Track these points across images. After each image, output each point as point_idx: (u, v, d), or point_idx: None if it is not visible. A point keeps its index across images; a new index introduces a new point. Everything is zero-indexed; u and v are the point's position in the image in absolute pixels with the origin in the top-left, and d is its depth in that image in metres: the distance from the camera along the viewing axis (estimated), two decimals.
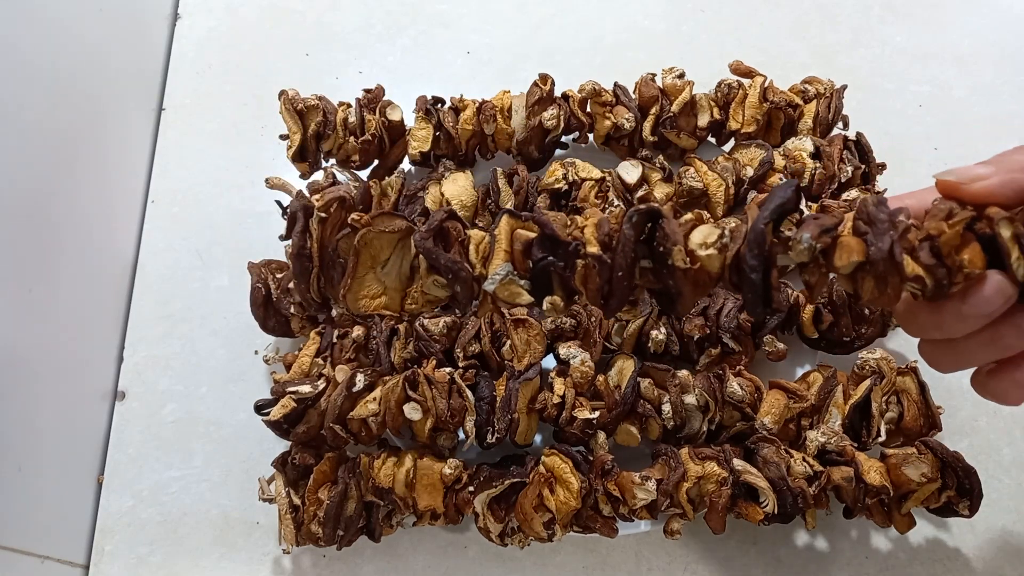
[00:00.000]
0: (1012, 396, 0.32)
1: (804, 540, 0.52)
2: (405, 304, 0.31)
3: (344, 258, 0.30)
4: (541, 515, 0.44)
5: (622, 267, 0.30)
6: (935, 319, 0.30)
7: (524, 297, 0.30)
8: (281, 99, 0.53)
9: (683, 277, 0.30)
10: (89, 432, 0.55)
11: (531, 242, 0.30)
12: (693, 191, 0.54)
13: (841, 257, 0.28)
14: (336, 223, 0.30)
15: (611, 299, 0.30)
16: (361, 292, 0.30)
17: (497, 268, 0.30)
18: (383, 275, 0.30)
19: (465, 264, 0.30)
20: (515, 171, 0.54)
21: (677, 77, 0.55)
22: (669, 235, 0.29)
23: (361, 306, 0.31)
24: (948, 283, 0.28)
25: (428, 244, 0.30)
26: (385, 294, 0.31)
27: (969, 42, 0.68)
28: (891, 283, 0.28)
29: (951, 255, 0.28)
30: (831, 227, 0.29)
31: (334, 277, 0.30)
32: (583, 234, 0.31)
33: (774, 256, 0.29)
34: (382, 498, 0.46)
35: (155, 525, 0.53)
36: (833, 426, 0.47)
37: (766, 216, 0.29)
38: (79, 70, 0.57)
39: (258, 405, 0.47)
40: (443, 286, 0.30)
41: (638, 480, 0.44)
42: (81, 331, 0.55)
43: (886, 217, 0.28)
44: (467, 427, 0.46)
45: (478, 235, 0.31)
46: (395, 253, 0.30)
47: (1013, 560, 0.51)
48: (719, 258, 0.30)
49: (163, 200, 0.63)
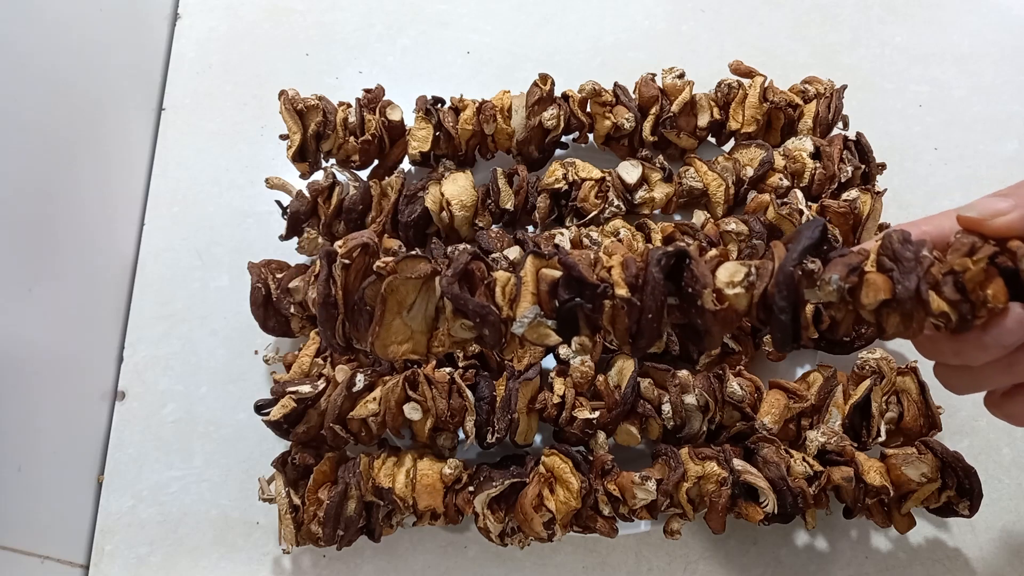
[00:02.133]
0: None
1: (804, 540, 0.52)
2: (431, 346, 0.31)
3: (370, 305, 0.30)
4: (541, 515, 0.44)
5: (651, 309, 0.30)
6: (955, 347, 0.31)
7: (552, 339, 0.30)
8: (281, 99, 0.53)
9: (712, 318, 0.30)
10: (89, 432, 0.55)
11: (557, 282, 0.30)
12: (693, 191, 0.54)
13: (868, 295, 0.29)
14: (360, 269, 0.30)
15: (640, 339, 0.31)
16: (389, 339, 0.30)
17: (525, 311, 0.30)
18: (409, 319, 0.30)
19: (493, 308, 0.30)
20: (515, 171, 0.54)
21: (677, 77, 0.55)
22: (699, 278, 0.30)
23: (390, 352, 0.31)
24: (972, 317, 0.29)
25: (455, 290, 0.30)
26: (412, 338, 0.31)
27: (969, 42, 0.68)
28: (916, 319, 0.29)
29: (975, 290, 0.29)
30: (857, 265, 0.29)
31: (360, 323, 0.30)
32: (610, 275, 0.31)
33: (802, 296, 0.30)
34: (382, 498, 0.46)
35: (155, 525, 0.53)
36: (833, 426, 0.47)
37: (795, 258, 0.29)
38: (79, 70, 0.57)
39: (258, 405, 0.47)
40: (470, 328, 0.30)
41: (638, 480, 0.44)
42: (81, 331, 0.55)
43: (912, 255, 0.29)
44: (467, 427, 0.46)
45: (503, 277, 0.31)
46: (420, 297, 0.30)
47: (1013, 560, 0.51)
48: (746, 296, 0.30)
49: (163, 200, 0.63)
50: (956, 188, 0.61)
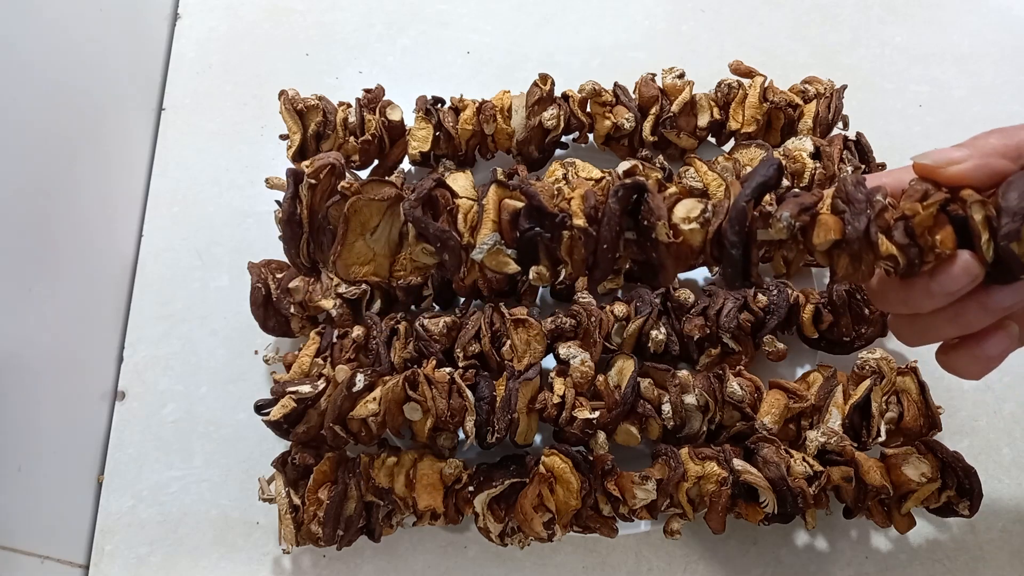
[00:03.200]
0: (972, 371, 0.33)
1: (804, 540, 0.52)
2: (394, 271, 0.32)
3: (334, 225, 0.30)
4: (541, 515, 0.44)
5: (607, 240, 0.30)
6: (904, 295, 0.31)
7: (511, 266, 0.31)
8: (281, 99, 0.53)
9: (666, 251, 0.30)
10: (89, 432, 0.55)
11: (519, 212, 0.31)
12: (693, 191, 0.54)
13: (819, 235, 0.29)
14: (326, 189, 0.30)
15: (595, 270, 0.31)
16: (351, 259, 0.31)
17: (485, 238, 0.30)
18: (372, 242, 0.31)
19: (453, 233, 0.30)
20: (515, 171, 0.54)
21: (677, 77, 0.55)
22: (653, 210, 0.30)
23: (351, 272, 0.31)
24: (920, 262, 0.29)
25: (417, 213, 0.30)
26: (374, 260, 0.31)
27: (969, 42, 0.68)
28: (865, 261, 0.29)
29: (924, 235, 0.29)
30: (810, 205, 0.30)
31: (324, 243, 0.30)
32: (570, 206, 0.31)
33: (755, 232, 0.30)
34: (382, 498, 0.46)
35: (155, 525, 0.53)
36: (833, 426, 0.47)
37: (747, 194, 0.30)
38: (79, 70, 0.57)
39: (258, 405, 0.47)
40: (431, 254, 0.31)
41: (638, 480, 0.44)
42: (81, 331, 0.55)
43: (863, 197, 0.29)
44: (467, 427, 0.46)
45: (466, 204, 0.31)
46: (384, 220, 0.31)
47: (1013, 560, 0.51)
48: (701, 232, 0.31)
49: (163, 200, 0.63)
50: None
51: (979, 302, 0.30)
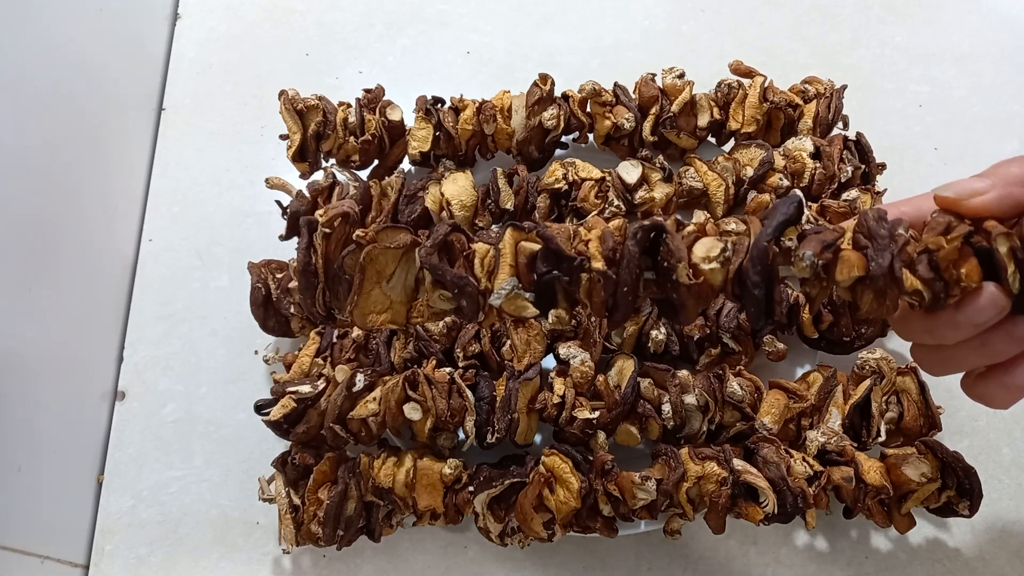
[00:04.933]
0: (1000, 400, 0.32)
1: (804, 540, 0.52)
2: (411, 317, 0.31)
3: (349, 274, 0.30)
4: (541, 515, 0.44)
5: (627, 283, 0.30)
6: (928, 326, 0.31)
7: (530, 310, 0.30)
8: (281, 99, 0.53)
9: (687, 292, 0.30)
10: (89, 432, 0.55)
11: (535, 255, 0.30)
12: (693, 191, 0.54)
13: (842, 272, 0.29)
14: (340, 238, 0.30)
15: (616, 312, 0.31)
16: (368, 308, 0.30)
17: (503, 283, 0.30)
18: (388, 289, 0.30)
19: (471, 279, 0.30)
20: (515, 171, 0.54)
21: (677, 77, 0.55)
22: (673, 252, 0.30)
23: (368, 321, 0.31)
24: (945, 296, 0.29)
25: (433, 260, 0.30)
26: (391, 308, 0.31)
27: (969, 42, 0.68)
28: (890, 296, 0.29)
29: (949, 269, 0.29)
30: (832, 242, 0.29)
31: (340, 292, 0.30)
32: (587, 248, 0.31)
33: (776, 271, 0.30)
34: (382, 498, 0.46)
35: (155, 525, 0.53)
36: (833, 426, 0.47)
37: (769, 233, 0.29)
38: (79, 70, 0.57)
39: (258, 405, 0.47)
40: (449, 299, 0.30)
41: (638, 480, 0.44)
42: (81, 331, 0.55)
43: (886, 232, 0.29)
44: (467, 427, 0.46)
45: (482, 248, 0.31)
46: (400, 267, 0.30)
47: (1013, 560, 0.51)
48: (722, 272, 0.30)
49: (163, 200, 0.63)
50: None
51: (1006, 332, 0.30)
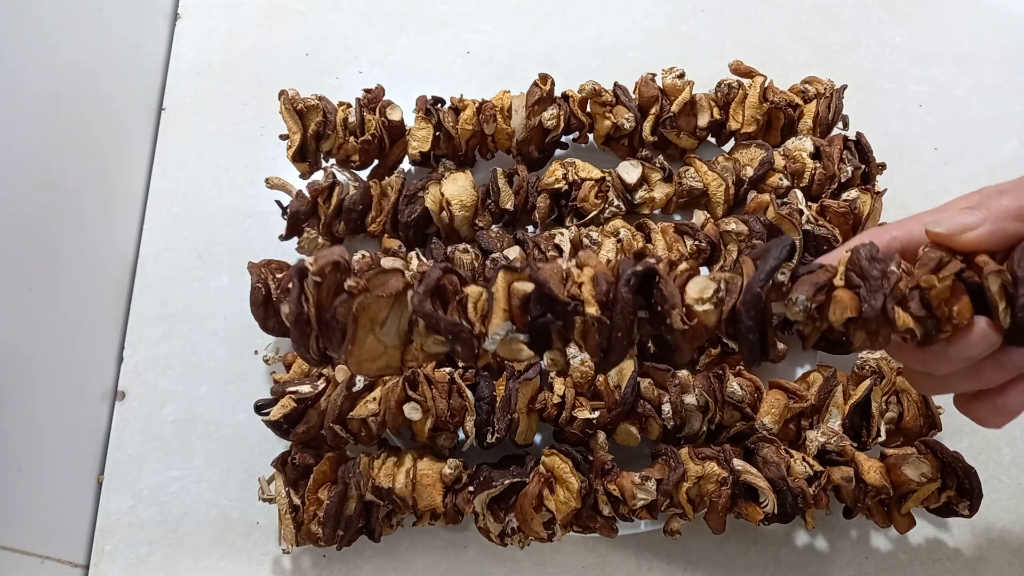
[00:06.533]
0: (992, 421, 0.33)
1: (804, 540, 0.52)
2: (406, 361, 0.31)
3: (343, 323, 0.30)
4: (541, 515, 0.44)
5: (621, 328, 0.30)
6: (920, 357, 0.31)
7: (525, 353, 0.31)
8: (281, 99, 0.53)
9: (682, 336, 0.30)
10: (89, 432, 0.55)
11: (528, 296, 0.30)
12: (693, 191, 0.54)
13: (835, 312, 0.29)
14: (332, 285, 0.30)
15: (610, 355, 0.31)
16: (363, 356, 0.30)
17: (497, 328, 0.30)
18: (382, 335, 0.30)
19: (465, 325, 0.30)
20: (515, 171, 0.54)
21: (677, 77, 0.55)
22: (667, 298, 0.30)
23: (364, 369, 0.31)
24: (937, 332, 0.29)
25: (427, 308, 0.30)
26: (386, 354, 0.31)
27: (969, 42, 0.68)
28: (882, 334, 0.29)
29: (941, 307, 0.29)
30: (824, 283, 0.30)
31: (334, 340, 0.30)
32: (580, 291, 0.31)
33: (770, 313, 0.30)
34: (382, 498, 0.46)
35: (155, 525, 0.53)
36: (833, 426, 0.47)
37: (762, 279, 0.29)
38: (79, 70, 0.57)
39: (258, 405, 0.47)
40: (443, 343, 0.31)
41: (638, 480, 0.44)
42: (81, 331, 0.55)
43: (879, 274, 0.29)
44: (467, 427, 0.46)
45: (475, 292, 0.31)
46: (392, 313, 0.30)
47: (1013, 560, 0.51)
48: (715, 312, 0.31)
49: (163, 200, 0.63)
50: (956, 188, 0.60)
51: (996, 361, 0.30)
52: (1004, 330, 0.29)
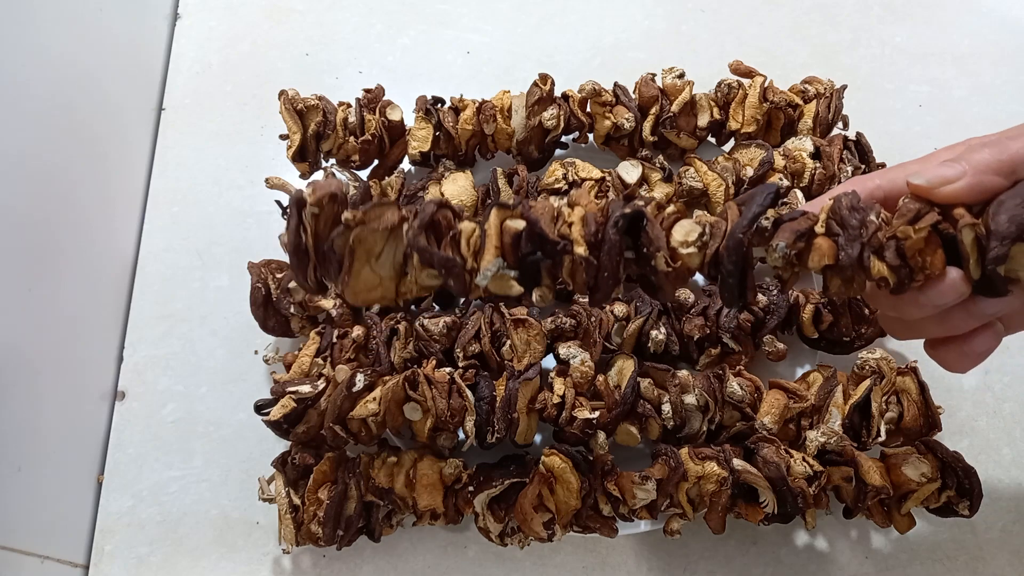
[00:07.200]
0: (959, 365, 0.35)
1: (804, 540, 0.52)
2: (400, 292, 0.32)
3: (340, 254, 0.30)
4: (541, 515, 0.44)
5: (608, 268, 0.31)
6: (894, 302, 0.32)
7: (515, 288, 0.31)
8: (281, 99, 0.53)
9: (665, 277, 0.32)
10: (89, 432, 0.55)
11: (520, 234, 0.31)
12: (693, 191, 0.54)
13: (813, 259, 0.31)
14: (329, 217, 0.31)
15: (597, 292, 0.32)
16: (359, 286, 0.31)
17: (488, 264, 0.31)
18: (378, 267, 0.31)
19: (457, 260, 0.31)
20: (515, 171, 0.54)
21: (677, 77, 0.55)
22: (653, 240, 0.31)
23: (360, 299, 0.32)
24: (910, 281, 0.30)
25: (421, 242, 0.31)
26: (381, 285, 0.32)
27: (969, 42, 0.68)
28: (857, 281, 0.30)
29: (915, 257, 0.30)
30: (805, 231, 0.31)
31: (331, 271, 0.31)
32: (570, 231, 0.32)
33: (751, 258, 0.31)
34: (382, 498, 0.46)
35: (155, 525, 0.53)
36: (833, 426, 0.47)
37: (744, 226, 0.31)
38: (79, 70, 0.57)
39: (258, 405, 0.47)
40: (436, 276, 0.31)
41: (638, 480, 0.44)
42: (81, 331, 0.55)
43: (858, 223, 0.30)
44: (467, 427, 0.46)
45: (468, 228, 0.32)
46: (388, 244, 0.31)
47: (1013, 560, 0.51)
48: (699, 256, 0.32)
49: (163, 200, 0.63)
50: None
51: (966, 309, 0.32)
52: (974, 281, 0.30)
